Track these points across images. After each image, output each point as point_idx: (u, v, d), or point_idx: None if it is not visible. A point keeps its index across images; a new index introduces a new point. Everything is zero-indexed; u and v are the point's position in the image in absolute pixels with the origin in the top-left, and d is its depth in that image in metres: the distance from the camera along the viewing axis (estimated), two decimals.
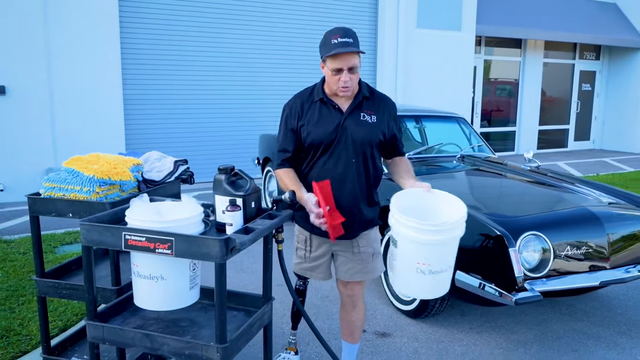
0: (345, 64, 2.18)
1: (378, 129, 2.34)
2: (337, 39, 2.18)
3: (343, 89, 2.24)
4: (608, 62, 12.98)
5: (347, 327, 2.64)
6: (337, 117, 2.31)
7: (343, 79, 2.21)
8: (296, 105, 2.37)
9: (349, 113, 2.31)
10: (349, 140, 2.29)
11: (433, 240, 1.98)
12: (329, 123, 2.30)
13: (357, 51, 2.18)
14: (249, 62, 8.37)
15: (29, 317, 3.15)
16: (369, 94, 2.38)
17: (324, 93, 2.34)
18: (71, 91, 6.96)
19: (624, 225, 3.23)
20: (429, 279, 2.05)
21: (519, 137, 12.13)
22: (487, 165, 4.39)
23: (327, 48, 2.21)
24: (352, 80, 2.22)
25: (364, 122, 2.32)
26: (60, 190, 2.30)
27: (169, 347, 1.90)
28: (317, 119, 2.31)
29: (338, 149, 2.30)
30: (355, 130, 2.30)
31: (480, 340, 3.20)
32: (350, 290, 2.54)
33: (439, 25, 9.83)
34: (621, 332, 3.32)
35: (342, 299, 2.60)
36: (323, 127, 2.29)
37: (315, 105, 2.34)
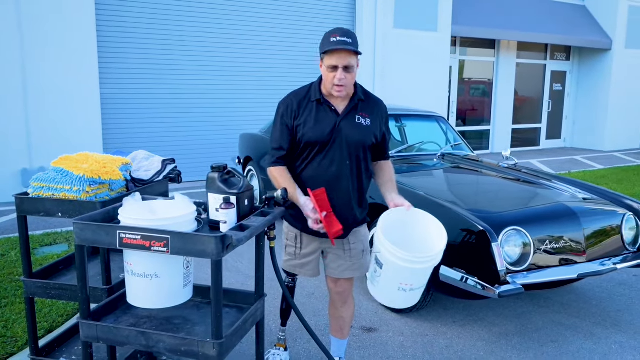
0: (341, 62, 2.22)
1: (371, 131, 2.39)
2: (336, 37, 2.22)
3: (337, 87, 2.27)
4: (578, 62, 13.35)
5: (337, 323, 2.68)
6: (333, 119, 2.34)
7: (338, 77, 2.24)
8: (293, 103, 2.38)
9: (344, 115, 2.35)
10: (343, 142, 2.34)
11: (418, 269, 2.19)
12: (325, 124, 2.33)
13: (354, 50, 2.21)
14: (229, 62, 8.34)
15: (13, 319, 3.10)
16: (364, 96, 2.42)
17: (321, 94, 2.37)
18: (46, 90, 6.83)
19: (598, 220, 3.36)
20: (408, 295, 2.30)
21: (493, 136, 12.38)
22: (467, 163, 4.49)
23: (325, 45, 2.26)
24: (347, 79, 2.25)
25: (358, 125, 2.36)
26: (49, 189, 2.28)
27: (165, 344, 1.91)
28: (314, 120, 2.34)
29: (333, 150, 2.34)
30: (350, 133, 2.34)
31: (464, 333, 3.28)
32: (340, 287, 2.59)
33: (416, 26, 9.97)
34: (597, 322, 3.45)
35: (332, 296, 2.65)
36: (319, 128, 2.32)
37: (311, 105, 2.36)
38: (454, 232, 3.07)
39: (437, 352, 3.05)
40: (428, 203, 3.34)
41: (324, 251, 2.54)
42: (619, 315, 3.56)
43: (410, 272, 2.18)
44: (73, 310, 3.28)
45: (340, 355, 2.75)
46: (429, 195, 3.41)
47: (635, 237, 3.44)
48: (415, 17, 9.93)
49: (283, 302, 2.85)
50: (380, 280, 2.28)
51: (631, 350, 3.09)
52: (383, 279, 2.26)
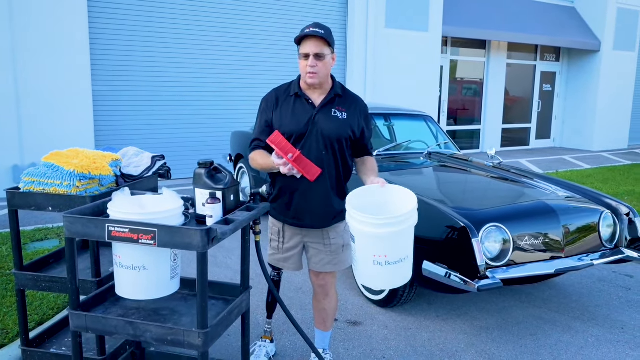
0: (312, 49, 2.33)
1: (348, 125, 2.47)
2: (309, 28, 2.35)
3: (310, 74, 2.37)
4: (567, 63, 13.50)
5: (320, 316, 2.76)
6: (309, 111, 2.44)
7: (309, 64, 2.35)
8: (272, 98, 2.52)
9: (320, 108, 2.45)
10: (319, 134, 2.42)
11: (386, 233, 2.07)
12: (301, 116, 2.43)
13: (323, 37, 2.32)
14: (221, 60, 8.40)
15: (4, 312, 3.15)
16: (341, 92, 2.52)
17: (300, 88, 2.48)
18: (38, 87, 6.85)
19: (577, 217, 3.46)
20: (386, 270, 2.14)
21: (483, 135, 12.51)
22: (453, 162, 4.58)
23: (298, 35, 2.37)
24: (318, 66, 2.36)
25: (334, 118, 2.45)
26: (40, 184, 2.34)
27: (152, 334, 1.98)
28: (291, 112, 2.45)
29: (309, 142, 2.42)
30: (326, 125, 2.43)
31: (446, 327, 3.38)
32: (322, 281, 2.67)
33: (407, 26, 10.06)
34: (575, 317, 3.55)
35: (315, 289, 2.73)
36: (295, 120, 2.43)
37: (290, 99, 2.48)
38: (437, 229, 3.15)
39: (420, 345, 3.13)
40: None
41: (305, 245, 2.62)
42: (597, 310, 3.66)
43: (379, 238, 2.08)
44: (63, 304, 3.34)
45: (324, 347, 2.83)
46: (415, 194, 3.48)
47: (612, 234, 3.54)
48: (407, 17, 10.02)
49: (269, 296, 2.93)
50: (357, 258, 2.20)
51: (606, 343, 3.19)
52: (358, 255, 2.18)
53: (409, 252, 2.20)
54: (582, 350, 3.10)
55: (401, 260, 2.16)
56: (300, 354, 2.99)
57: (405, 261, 2.18)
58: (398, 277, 2.20)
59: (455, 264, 3.05)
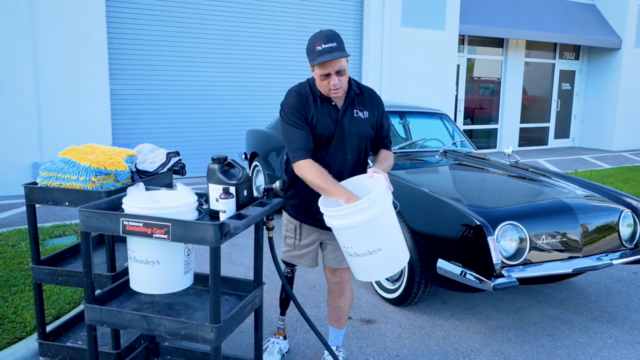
0: (332, 69, 2.26)
1: (369, 124, 2.47)
2: (321, 45, 2.23)
3: (333, 91, 2.32)
4: (587, 62, 13.28)
5: (335, 313, 2.75)
6: (334, 114, 2.41)
7: (332, 83, 2.29)
8: (301, 97, 2.40)
9: (344, 111, 2.42)
10: (345, 136, 2.41)
11: (345, 224, 2.05)
12: (328, 118, 2.40)
13: (340, 53, 2.23)
14: (237, 59, 8.43)
15: (22, 306, 3.20)
16: (358, 90, 2.49)
17: (320, 91, 2.41)
18: (58, 86, 6.96)
19: (596, 216, 3.39)
20: (357, 262, 2.14)
21: (500, 134, 12.37)
22: (469, 160, 4.54)
23: (312, 55, 2.27)
24: (341, 82, 2.31)
25: (357, 119, 2.44)
26: (57, 179, 2.38)
27: (165, 328, 1.99)
28: (320, 114, 2.40)
29: (335, 145, 2.41)
30: (350, 127, 2.41)
31: (461, 326, 3.34)
32: (338, 278, 2.66)
33: (423, 25, 10.00)
34: (593, 318, 3.49)
35: (330, 287, 2.72)
36: (325, 123, 2.39)
37: (314, 101, 2.41)
38: (453, 227, 3.12)
39: (434, 344, 3.11)
40: (429, 199, 3.40)
41: (322, 242, 2.61)
42: (616, 311, 3.59)
43: (343, 230, 2.08)
44: (80, 298, 3.38)
45: (338, 345, 2.82)
46: (430, 191, 3.46)
47: (632, 234, 3.47)
48: (423, 16, 9.95)
49: (282, 292, 2.92)
50: None
51: (625, 345, 3.13)
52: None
53: (380, 245, 2.10)
54: (600, 352, 3.05)
55: (370, 253, 2.10)
56: (314, 351, 2.99)
57: (377, 254, 2.11)
58: (369, 271, 2.17)
59: (471, 263, 3.01)
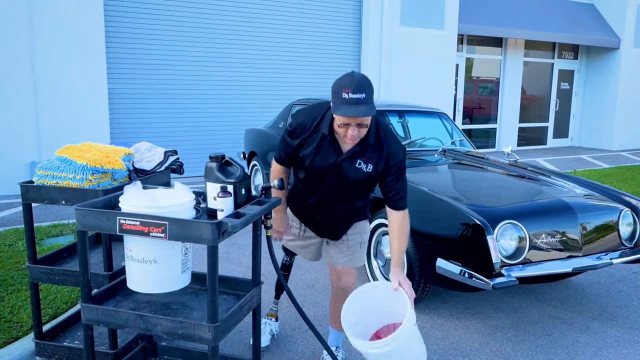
0: (354, 121, 2.07)
1: (371, 177, 2.31)
2: (349, 93, 2.00)
3: (349, 140, 2.16)
4: (586, 61, 13.28)
5: (336, 315, 2.73)
6: (333, 157, 2.28)
7: (350, 133, 2.11)
8: (303, 127, 2.31)
9: (346, 157, 2.27)
10: (339, 182, 2.34)
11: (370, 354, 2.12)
12: (325, 160, 2.28)
13: (367, 115, 2.01)
14: (235, 58, 8.41)
15: (19, 305, 3.18)
16: (374, 140, 2.25)
17: (330, 129, 2.26)
18: (55, 85, 6.94)
19: (596, 215, 3.38)
20: None
21: (499, 134, 12.37)
22: (468, 159, 4.52)
23: (337, 101, 2.05)
24: (360, 133, 2.13)
25: (358, 169, 2.28)
26: (53, 178, 2.36)
27: (162, 328, 1.97)
28: (315, 152, 2.29)
29: (329, 187, 2.37)
30: (348, 176, 2.31)
31: (460, 326, 3.33)
32: (344, 284, 2.61)
33: (422, 24, 9.98)
34: (593, 317, 3.48)
35: (334, 291, 2.68)
36: (318, 162, 2.30)
37: (318, 135, 2.29)
38: (452, 226, 3.11)
39: (433, 343, 3.09)
40: (428, 198, 3.38)
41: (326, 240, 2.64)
42: (616, 311, 3.58)
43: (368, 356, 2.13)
44: (77, 298, 3.36)
45: (337, 345, 2.80)
46: (429, 190, 3.45)
47: (632, 233, 3.46)
48: (422, 15, 9.94)
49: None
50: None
51: (625, 344, 3.11)
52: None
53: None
54: (600, 351, 3.03)
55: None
56: (312, 351, 2.97)
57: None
58: None
59: (470, 262, 3.00)
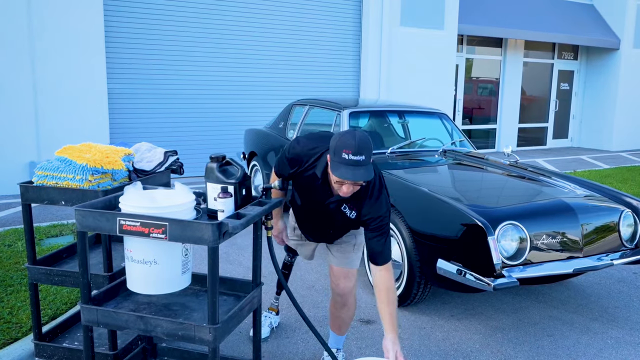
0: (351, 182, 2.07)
1: (354, 222, 2.35)
2: (349, 155, 1.96)
3: (343, 194, 2.12)
4: (586, 62, 13.28)
5: (335, 321, 2.73)
6: (324, 196, 2.32)
7: (345, 190, 2.09)
8: (299, 162, 2.32)
9: (334, 200, 2.29)
10: (328, 218, 2.41)
11: None
12: (316, 197, 2.36)
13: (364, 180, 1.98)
14: (235, 58, 8.40)
15: (18, 306, 3.17)
16: (364, 194, 2.23)
17: (324, 173, 2.25)
18: (55, 85, 6.92)
19: (597, 216, 3.38)
20: None
21: (499, 134, 12.36)
22: (468, 160, 4.51)
23: (335, 159, 2.01)
24: (354, 189, 2.11)
25: (343, 213, 2.33)
26: (53, 178, 2.35)
27: (162, 329, 1.96)
28: (307, 189, 2.38)
29: (318, 219, 2.48)
30: (335, 214, 2.36)
31: (460, 327, 3.32)
32: (342, 290, 2.60)
33: (422, 24, 9.98)
34: (594, 318, 3.47)
35: (333, 297, 2.67)
36: (309, 198, 2.40)
37: (312, 176, 2.31)
38: (452, 226, 3.10)
39: (433, 344, 3.09)
40: (429, 198, 3.37)
41: None
42: (617, 312, 3.58)
43: None
44: (77, 299, 3.35)
45: (338, 347, 2.79)
46: (430, 191, 3.44)
47: (633, 234, 3.46)
48: (422, 16, 9.94)
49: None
50: None
51: (626, 346, 3.11)
52: None
53: None
54: (601, 352, 3.03)
55: None
56: (313, 352, 2.96)
57: None
58: None
59: (471, 263, 2.99)
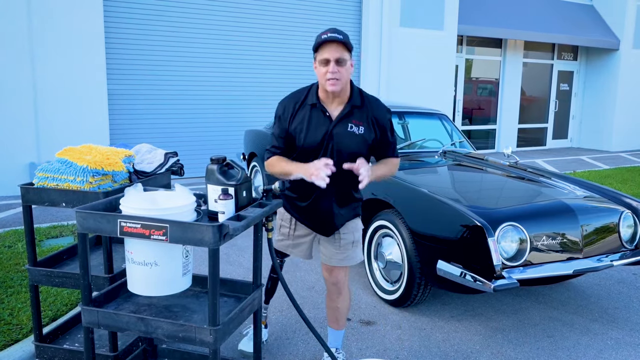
0: (332, 55, 2.23)
1: (364, 141, 2.38)
2: (327, 34, 2.26)
3: (330, 81, 2.26)
4: (585, 62, 13.29)
5: (332, 314, 2.74)
6: (325, 125, 2.35)
7: (330, 70, 2.24)
8: (289, 106, 2.41)
9: (337, 122, 2.35)
10: (334, 151, 2.36)
11: None
12: (318, 129, 2.35)
13: (343, 41, 2.23)
14: (235, 59, 8.40)
15: (19, 307, 3.17)
16: (360, 102, 2.39)
17: (317, 98, 2.38)
18: (55, 86, 6.93)
19: (597, 217, 3.38)
20: None
21: (499, 135, 12.37)
22: (468, 160, 4.52)
23: (316, 42, 2.28)
24: (339, 72, 2.25)
25: (351, 134, 2.35)
26: (53, 180, 2.35)
27: (163, 331, 1.96)
28: (307, 124, 2.36)
29: (326, 156, 2.36)
30: (342, 140, 2.35)
31: (461, 328, 3.32)
32: (335, 278, 2.64)
33: (422, 25, 9.98)
34: (594, 319, 3.47)
35: (328, 287, 2.71)
36: (312, 134, 2.35)
37: (306, 108, 2.38)
38: (452, 228, 3.10)
39: (434, 345, 3.09)
40: (429, 199, 3.38)
41: (317, 237, 2.64)
42: (617, 313, 3.58)
43: None
44: (77, 300, 3.35)
45: (337, 346, 2.80)
46: (430, 192, 3.44)
47: (632, 235, 3.46)
48: (422, 16, 9.94)
49: (268, 282, 2.93)
50: None
51: (626, 347, 3.11)
52: None
53: None
54: (601, 354, 3.03)
55: None
56: (313, 353, 2.96)
57: None
58: None
59: (471, 264, 2.99)
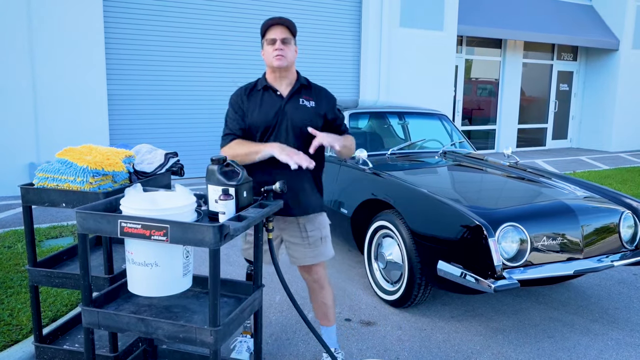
0: (279, 35, 2.41)
1: (316, 113, 2.52)
2: (273, 17, 2.45)
3: (277, 57, 2.41)
4: (585, 63, 13.30)
5: (320, 310, 2.75)
6: (277, 102, 2.49)
7: (277, 47, 2.40)
8: (240, 94, 2.54)
9: (288, 98, 2.50)
10: (289, 124, 2.47)
11: None
12: (270, 108, 2.48)
13: (287, 25, 2.42)
14: (235, 59, 8.40)
15: (19, 308, 3.17)
16: (306, 83, 2.58)
17: (266, 80, 2.54)
18: (55, 86, 6.92)
19: (597, 217, 3.38)
20: None
21: (499, 135, 12.37)
22: (468, 161, 4.52)
23: (262, 26, 2.45)
24: (284, 50, 2.41)
25: (302, 107, 2.50)
26: (53, 180, 2.35)
27: (163, 331, 1.96)
28: (259, 104, 2.49)
29: (279, 133, 2.46)
30: (295, 114, 2.48)
31: (461, 328, 3.32)
32: (315, 275, 2.67)
33: (422, 25, 9.99)
34: (594, 319, 3.47)
35: (309, 285, 2.74)
36: (264, 112, 2.47)
37: (258, 94, 2.52)
38: (453, 228, 3.10)
39: (434, 346, 3.08)
40: (429, 200, 3.37)
41: (283, 241, 2.64)
42: (617, 313, 3.58)
43: None
44: (77, 300, 3.35)
45: (335, 346, 2.79)
46: (430, 192, 3.44)
47: (633, 235, 3.46)
48: (421, 17, 9.95)
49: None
50: None
51: (627, 347, 3.11)
52: None
53: None
54: (601, 354, 3.03)
55: None
56: (313, 353, 2.96)
57: None
58: None
59: (471, 264, 2.99)
